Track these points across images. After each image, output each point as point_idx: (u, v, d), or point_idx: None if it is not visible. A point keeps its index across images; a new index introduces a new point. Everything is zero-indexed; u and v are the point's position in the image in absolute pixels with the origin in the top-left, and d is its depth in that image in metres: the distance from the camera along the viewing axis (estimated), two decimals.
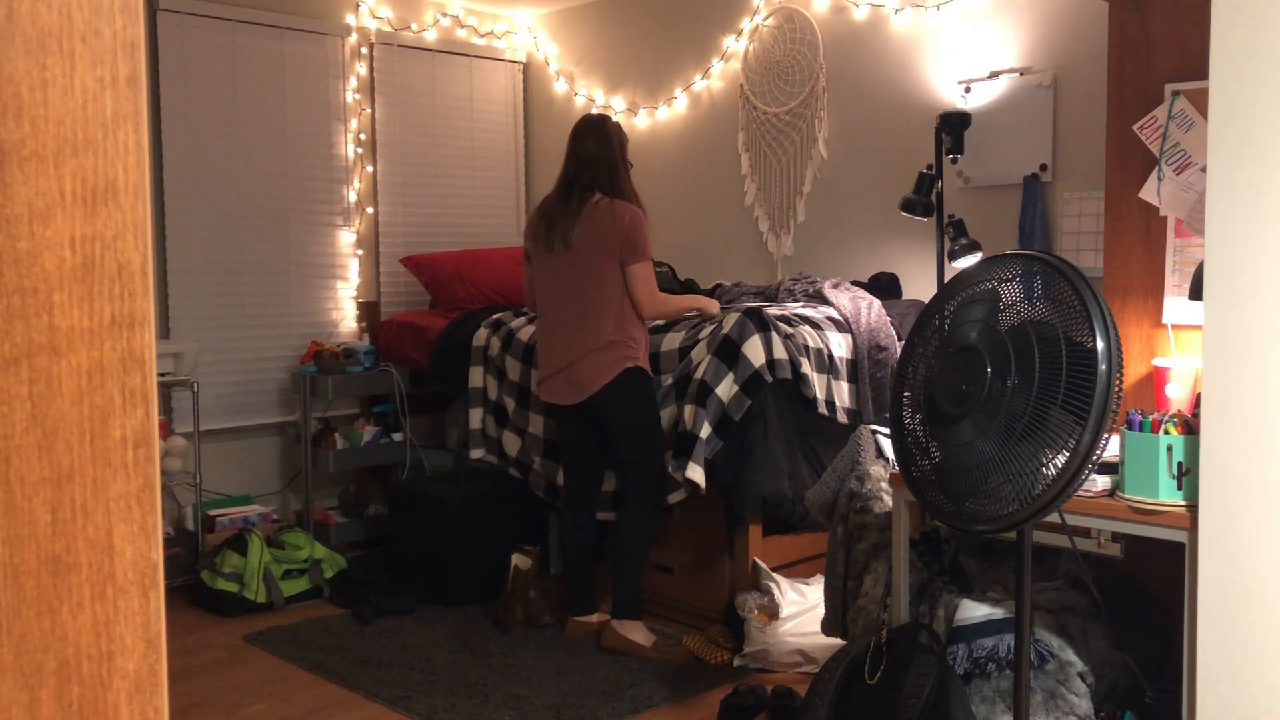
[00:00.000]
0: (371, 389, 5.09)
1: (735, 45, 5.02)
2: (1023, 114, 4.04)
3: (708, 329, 3.90)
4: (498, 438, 4.53)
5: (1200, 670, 2.10)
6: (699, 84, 5.18)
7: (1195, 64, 2.67)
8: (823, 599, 3.17)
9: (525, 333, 4.50)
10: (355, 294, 5.40)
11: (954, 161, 4.08)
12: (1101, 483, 2.37)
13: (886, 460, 2.97)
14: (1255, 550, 2.03)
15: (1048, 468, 1.91)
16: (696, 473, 3.70)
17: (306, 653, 3.84)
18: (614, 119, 3.86)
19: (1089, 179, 3.82)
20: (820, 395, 3.86)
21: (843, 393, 3.94)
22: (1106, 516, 2.34)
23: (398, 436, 5.08)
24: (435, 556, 4.41)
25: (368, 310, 5.42)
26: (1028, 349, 1.94)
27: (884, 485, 2.91)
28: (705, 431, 3.71)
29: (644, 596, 4.28)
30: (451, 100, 5.71)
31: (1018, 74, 4.07)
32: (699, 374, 3.78)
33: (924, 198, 3.87)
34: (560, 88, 5.81)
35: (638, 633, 3.77)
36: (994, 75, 4.13)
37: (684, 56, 5.25)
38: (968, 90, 4.18)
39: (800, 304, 4.20)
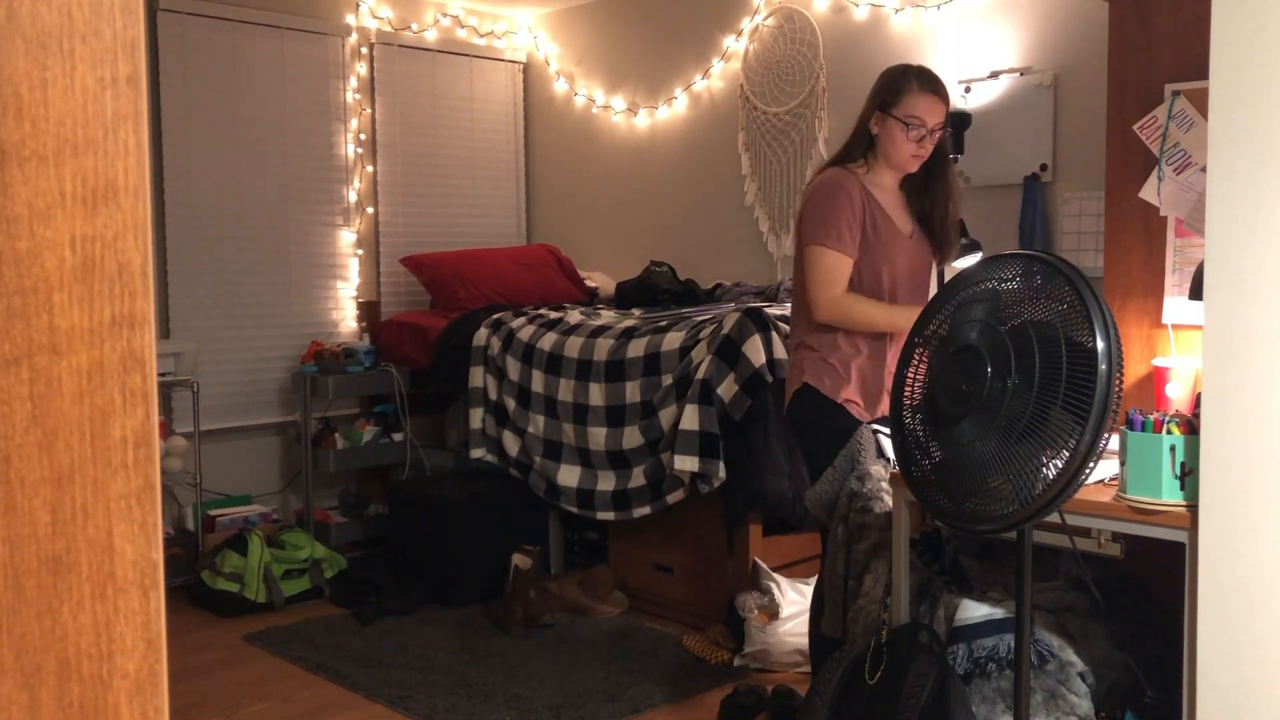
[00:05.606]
0: (371, 389, 5.09)
1: (735, 45, 5.02)
2: (1023, 114, 4.04)
3: (708, 329, 3.90)
4: (498, 438, 4.53)
5: (1200, 670, 2.10)
6: (699, 84, 5.18)
7: (1195, 64, 2.66)
8: (823, 599, 3.16)
9: (525, 333, 4.50)
10: (355, 294, 5.39)
11: (954, 161, 4.07)
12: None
13: (886, 460, 2.97)
14: (1255, 550, 2.03)
15: (1048, 468, 1.91)
16: (687, 462, 3.71)
17: (306, 653, 3.84)
18: (895, 66, 3.20)
19: (1089, 179, 3.81)
20: None
21: None
22: (1106, 516, 2.34)
23: (398, 436, 5.08)
24: (435, 556, 4.41)
25: (368, 310, 5.42)
26: (1028, 349, 1.94)
27: (884, 485, 2.91)
28: (694, 425, 3.72)
29: (644, 596, 4.29)
30: (451, 100, 5.71)
31: (1018, 74, 4.06)
32: (700, 374, 3.78)
33: None
34: (560, 88, 5.81)
35: None
36: (994, 75, 4.13)
37: (684, 56, 5.24)
38: (968, 90, 4.18)
39: None
